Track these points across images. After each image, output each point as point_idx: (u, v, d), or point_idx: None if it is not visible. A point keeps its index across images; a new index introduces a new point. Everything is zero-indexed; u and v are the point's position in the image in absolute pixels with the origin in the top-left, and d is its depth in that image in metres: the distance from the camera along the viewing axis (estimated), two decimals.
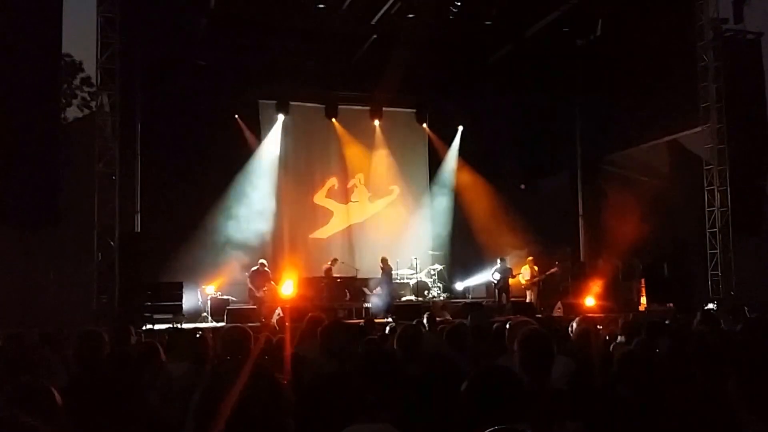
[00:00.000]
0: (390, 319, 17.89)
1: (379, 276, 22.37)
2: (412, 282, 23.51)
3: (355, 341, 6.72)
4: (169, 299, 19.29)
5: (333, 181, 25.67)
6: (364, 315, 20.03)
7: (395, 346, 6.63)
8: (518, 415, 3.38)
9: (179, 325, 16.33)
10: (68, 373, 6.21)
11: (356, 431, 3.79)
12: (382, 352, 5.83)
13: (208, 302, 20.51)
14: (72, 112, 31.14)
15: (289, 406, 3.19)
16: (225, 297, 20.74)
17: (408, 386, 4.94)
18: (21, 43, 17.35)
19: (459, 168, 26.28)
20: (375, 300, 21.57)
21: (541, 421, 4.09)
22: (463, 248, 25.05)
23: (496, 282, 22.57)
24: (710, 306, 18.99)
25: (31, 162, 17.24)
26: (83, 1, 19.77)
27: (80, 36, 21.44)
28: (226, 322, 18.19)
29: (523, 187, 26.49)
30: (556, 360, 5.15)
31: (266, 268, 20.92)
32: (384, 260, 22.65)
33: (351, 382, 4.39)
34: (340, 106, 25.37)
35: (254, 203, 22.93)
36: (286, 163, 24.41)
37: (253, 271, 20.81)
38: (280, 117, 24.57)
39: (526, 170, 25.75)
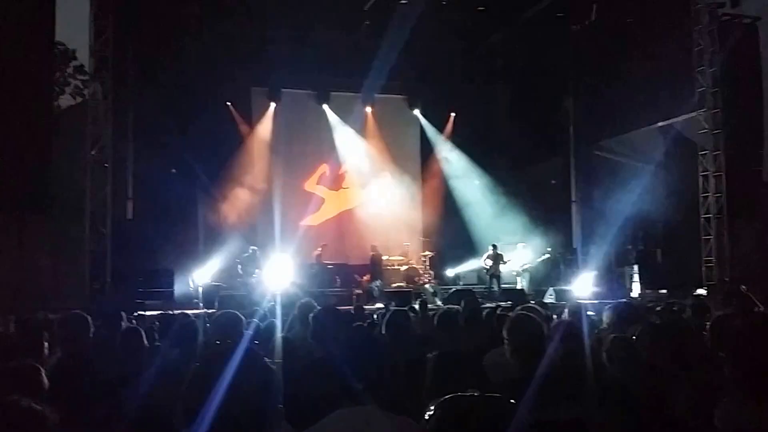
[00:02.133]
0: (381, 305, 17.88)
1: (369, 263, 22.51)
2: (403, 268, 23.49)
3: (345, 327, 6.71)
4: (160, 285, 19.31)
5: (324, 168, 25.70)
6: (354, 301, 20.03)
7: (383, 332, 6.64)
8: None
9: (171, 312, 16.34)
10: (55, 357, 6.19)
11: (343, 414, 3.79)
12: (369, 337, 5.83)
13: (200, 288, 20.50)
14: (65, 100, 31.12)
15: (279, 390, 3.19)
16: (216, 283, 20.73)
17: (395, 371, 4.94)
18: (14, 32, 17.28)
19: (451, 154, 26.28)
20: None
21: (532, 405, 4.08)
22: (454, 234, 25.06)
23: (487, 268, 22.54)
24: (700, 291, 18.98)
25: (24, 149, 17.19)
26: None
27: (73, 24, 21.38)
28: (218, 309, 18.20)
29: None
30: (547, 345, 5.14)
31: (257, 255, 20.96)
32: (374, 247, 22.74)
33: (339, 367, 4.38)
34: (331, 93, 25.39)
35: (246, 190, 22.96)
36: (277, 149, 24.43)
37: (244, 257, 20.87)
38: (272, 104, 24.62)
39: (518, 156, 25.57)
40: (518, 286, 22.38)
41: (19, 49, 17.30)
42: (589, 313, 8.67)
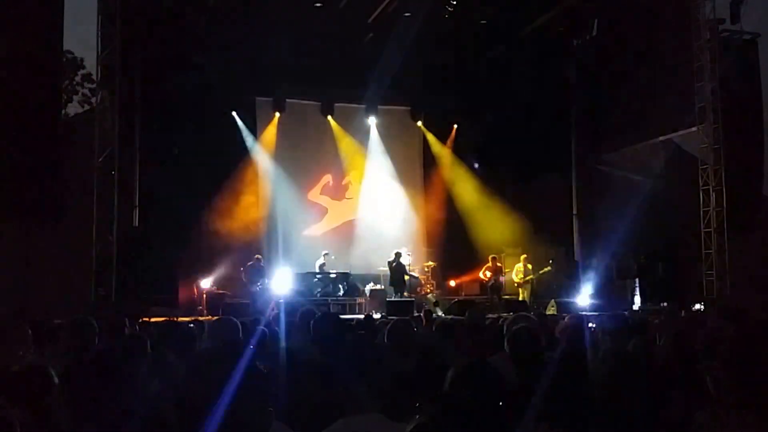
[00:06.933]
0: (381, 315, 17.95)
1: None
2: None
3: (346, 334, 6.78)
4: (165, 293, 19.39)
5: (328, 178, 25.78)
6: (357, 311, 20.10)
7: (385, 340, 6.72)
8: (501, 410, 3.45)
9: (175, 319, 16.38)
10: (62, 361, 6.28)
11: (348, 423, 3.88)
12: (370, 345, 5.92)
13: (204, 296, 20.61)
14: (73, 108, 31.29)
15: (270, 393, 3.30)
16: (220, 291, 20.85)
17: (397, 379, 5.02)
18: (22, 41, 17.38)
19: (453, 166, 26.42)
20: None
21: (529, 418, 4.19)
22: (456, 245, 25.10)
23: (486, 280, 22.61)
24: (697, 306, 19.04)
25: (32, 158, 17.24)
26: None
27: (82, 33, 21.52)
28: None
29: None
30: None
31: (261, 264, 21.03)
32: (397, 255, 22.47)
33: (340, 374, 4.49)
34: (335, 104, 25.50)
35: (250, 199, 23.04)
36: (281, 159, 24.51)
37: (248, 265, 20.89)
38: (276, 113, 24.73)
39: (520, 168, 25.58)
40: (520, 298, 22.45)
41: (27, 58, 17.38)
42: (590, 325, 8.76)
